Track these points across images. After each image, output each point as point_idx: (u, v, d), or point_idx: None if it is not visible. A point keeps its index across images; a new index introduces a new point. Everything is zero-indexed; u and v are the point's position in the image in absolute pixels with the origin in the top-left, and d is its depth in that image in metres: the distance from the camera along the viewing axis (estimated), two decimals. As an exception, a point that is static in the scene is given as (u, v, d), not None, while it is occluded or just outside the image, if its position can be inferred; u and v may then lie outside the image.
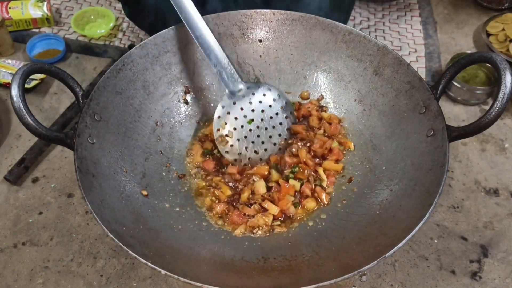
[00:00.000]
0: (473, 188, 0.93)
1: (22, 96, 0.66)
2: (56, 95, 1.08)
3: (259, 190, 0.79)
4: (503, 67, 0.66)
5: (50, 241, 0.83)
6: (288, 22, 0.92)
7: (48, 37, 1.19)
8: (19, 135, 1.00)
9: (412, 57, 1.19)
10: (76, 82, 0.75)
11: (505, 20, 1.20)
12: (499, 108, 0.65)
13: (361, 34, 0.86)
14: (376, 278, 0.79)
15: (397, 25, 1.28)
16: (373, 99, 0.87)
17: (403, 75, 0.81)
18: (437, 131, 0.72)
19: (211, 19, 0.90)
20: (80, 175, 0.67)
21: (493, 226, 0.87)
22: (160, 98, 0.88)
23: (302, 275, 0.66)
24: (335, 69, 0.91)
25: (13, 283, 0.78)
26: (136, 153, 0.81)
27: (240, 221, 0.77)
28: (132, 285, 0.78)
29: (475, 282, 0.80)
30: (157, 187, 0.81)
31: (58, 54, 1.15)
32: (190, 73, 0.92)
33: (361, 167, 0.84)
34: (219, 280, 0.63)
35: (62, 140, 0.70)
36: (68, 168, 0.94)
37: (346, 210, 0.78)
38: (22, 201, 0.89)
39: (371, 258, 0.59)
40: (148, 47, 0.83)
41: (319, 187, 0.81)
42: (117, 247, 0.82)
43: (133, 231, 0.67)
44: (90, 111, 0.74)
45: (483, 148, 1.00)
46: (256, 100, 0.85)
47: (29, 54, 1.14)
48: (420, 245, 0.84)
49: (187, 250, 0.70)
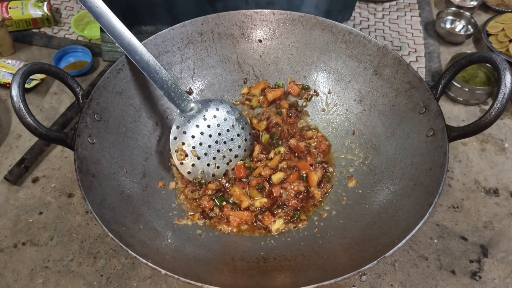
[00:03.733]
0: (473, 188, 0.93)
1: (22, 96, 0.66)
2: (56, 95, 1.08)
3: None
4: (503, 67, 0.66)
5: (50, 241, 0.83)
6: (288, 22, 0.92)
7: (75, 49, 1.17)
8: (19, 135, 1.00)
9: (412, 57, 1.19)
10: (76, 82, 0.75)
11: (505, 20, 1.20)
12: (499, 108, 0.65)
13: (361, 34, 0.86)
14: (376, 278, 0.79)
15: (397, 25, 1.28)
16: (373, 99, 0.87)
17: (403, 75, 0.81)
18: (437, 131, 0.72)
19: (211, 19, 0.90)
20: (80, 175, 0.67)
21: (493, 226, 0.87)
22: (160, 98, 0.88)
23: (302, 275, 0.66)
24: (335, 69, 0.91)
25: (13, 283, 0.78)
26: (136, 153, 0.81)
27: (237, 222, 0.77)
28: (132, 285, 0.78)
29: (475, 282, 0.80)
30: (157, 187, 0.81)
31: (86, 66, 1.13)
32: (190, 73, 0.92)
33: (361, 167, 0.84)
34: (219, 280, 0.63)
35: (62, 140, 0.70)
36: (68, 168, 0.94)
37: (346, 210, 0.78)
38: (22, 201, 0.89)
39: (371, 258, 0.59)
40: (148, 47, 0.83)
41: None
42: (117, 247, 0.82)
43: (133, 231, 0.67)
44: (90, 111, 0.74)
45: (483, 148, 1.00)
46: (210, 116, 0.84)
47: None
48: (420, 245, 0.84)
49: (187, 250, 0.70)
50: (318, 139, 0.89)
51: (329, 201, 0.81)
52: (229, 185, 0.82)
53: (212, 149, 0.83)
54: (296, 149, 0.86)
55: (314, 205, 0.81)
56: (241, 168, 0.83)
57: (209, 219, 0.78)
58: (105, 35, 1.09)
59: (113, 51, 1.10)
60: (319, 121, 0.93)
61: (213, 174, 0.83)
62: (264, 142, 0.88)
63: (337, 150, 0.88)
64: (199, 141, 0.82)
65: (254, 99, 0.94)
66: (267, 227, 0.77)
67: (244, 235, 0.76)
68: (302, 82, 0.95)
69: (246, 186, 0.81)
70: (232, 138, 0.85)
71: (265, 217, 0.78)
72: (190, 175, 0.82)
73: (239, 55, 0.94)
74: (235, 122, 0.86)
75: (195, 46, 0.91)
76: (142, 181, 0.79)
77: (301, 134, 0.90)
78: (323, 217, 0.78)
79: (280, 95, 0.94)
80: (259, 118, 0.91)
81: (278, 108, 0.93)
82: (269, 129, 0.90)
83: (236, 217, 0.77)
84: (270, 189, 0.81)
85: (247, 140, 0.86)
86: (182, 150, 0.81)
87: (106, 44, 1.10)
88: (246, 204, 0.79)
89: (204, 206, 0.79)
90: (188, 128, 0.82)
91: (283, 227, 0.77)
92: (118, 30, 0.78)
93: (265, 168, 0.83)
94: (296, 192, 0.81)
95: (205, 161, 0.82)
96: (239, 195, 0.79)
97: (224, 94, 0.95)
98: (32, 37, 1.22)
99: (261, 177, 0.83)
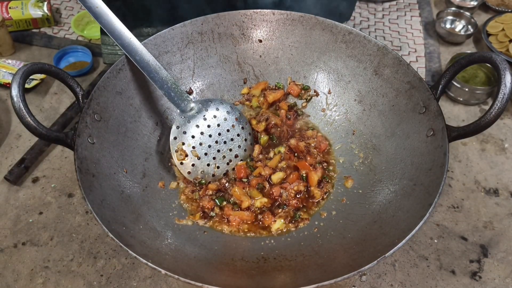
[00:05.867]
0: (473, 188, 0.93)
1: (22, 96, 0.66)
2: (56, 95, 1.08)
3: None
4: (503, 67, 0.66)
5: (50, 241, 0.83)
6: (288, 22, 0.92)
7: (75, 49, 1.16)
8: (19, 135, 1.00)
9: (412, 57, 1.19)
10: (76, 82, 0.75)
11: (505, 20, 1.20)
12: (499, 108, 0.65)
13: (361, 34, 0.86)
14: (376, 278, 0.79)
15: (397, 25, 1.28)
16: (373, 99, 0.87)
17: (403, 75, 0.81)
18: (437, 131, 0.72)
19: (211, 19, 0.90)
20: (80, 175, 0.67)
21: (493, 226, 0.87)
22: (160, 98, 0.88)
23: (302, 275, 0.66)
24: (335, 69, 0.91)
25: (13, 283, 0.78)
26: (136, 153, 0.81)
27: (237, 222, 0.77)
28: (132, 285, 0.78)
29: (475, 282, 0.80)
30: (157, 187, 0.81)
31: (86, 66, 1.12)
32: (190, 73, 0.92)
33: (361, 167, 0.84)
34: (219, 280, 0.63)
35: (62, 140, 0.70)
36: (68, 168, 0.94)
37: (346, 210, 0.78)
38: (22, 201, 0.89)
39: (371, 258, 0.59)
40: (148, 47, 0.83)
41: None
42: (117, 247, 0.82)
43: (133, 231, 0.67)
44: (90, 111, 0.74)
45: (483, 148, 1.00)
46: (210, 116, 0.84)
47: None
48: (420, 245, 0.84)
49: (187, 250, 0.70)
50: (318, 138, 0.89)
51: (329, 201, 0.81)
52: (229, 185, 0.82)
53: (212, 149, 0.83)
54: (296, 149, 0.86)
55: (313, 204, 0.81)
56: (241, 168, 0.83)
57: (209, 219, 0.78)
58: (106, 37, 1.09)
59: (113, 53, 1.10)
60: (319, 121, 0.93)
61: (213, 174, 0.83)
62: (263, 143, 0.88)
63: (337, 150, 0.88)
64: (199, 141, 0.82)
65: (254, 99, 0.94)
66: (267, 227, 0.77)
67: (244, 235, 0.76)
68: (302, 82, 0.95)
69: (246, 186, 0.81)
70: (232, 138, 0.85)
71: (266, 217, 0.78)
72: (190, 175, 0.82)
73: (239, 55, 0.94)
74: (235, 122, 0.86)
75: (195, 46, 0.91)
76: (142, 181, 0.79)
77: (301, 134, 0.90)
78: (323, 217, 0.78)
79: (280, 96, 0.94)
80: (258, 119, 0.91)
81: (277, 109, 0.93)
82: (268, 130, 0.90)
83: (236, 217, 0.77)
84: (270, 189, 0.81)
85: (247, 140, 0.86)
86: (182, 150, 0.81)
87: (106, 47, 1.10)
88: (247, 204, 0.79)
89: (204, 206, 0.79)
90: (188, 128, 0.82)
91: (283, 227, 0.77)
92: (118, 30, 0.78)
93: (265, 168, 0.83)
94: (296, 192, 0.81)
95: (205, 161, 0.82)
96: (239, 195, 0.79)
97: (224, 94, 0.95)
98: (32, 37, 1.22)
99: (261, 177, 0.83)
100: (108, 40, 1.09)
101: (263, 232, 0.77)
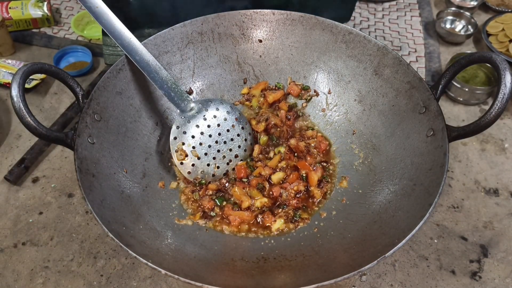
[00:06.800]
0: (473, 188, 0.93)
1: (22, 96, 0.66)
2: (56, 95, 1.08)
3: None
4: (503, 67, 0.66)
5: (50, 241, 0.83)
6: (288, 22, 0.92)
7: (75, 49, 1.16)
8: (19, 135, 1.00)
9: (412, 57, 1.19)
10: (76, 82, 0.75)
11: (505, 20, 1.20)
12: (499, 108, 0.65)
13: (361, 34, 0.86)
14: (376, 278, 0.79)
15: (397, 25, 1.28)
16: (373, 99, 0.87)
17: (403, 75, 0.81)
18: (437, 131, 0.72)
19: (211, 19, 0.90)
20: (80, 175, 0.67)
21: (493, 226, 0.87)
22: (160, 98, 0.88)
23: (302, 275, 0.66)
24: (335, 69, 0.91)
25: (13, 283, 0.78)
26: (136, 153, 0.81)
27: (237, 222, 0.77)
28: (132, 285, 0.78)
29: (475, 282, 0.80)
30: (157, 187, 0.81)
31: (86, 66, 1.12)
32: (190, 73, 0.92)
33: (361, 167, 0.84)
34: (219, 280, 0.63)
35: (62, 140, 0.70)
36: (68, 168, 0.94)
37: (346, 210, 0.78)
38: (22, 201, 0.89)
39: (371, 258, 0.59)
40: (148, 47, 0.83)
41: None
42: (117, 247, 0.82)
43: (133, 231, 0.67)
44: (90, 111, 0.74)
45: (483, 148, 1.00)
46: (210, 116, 0.84)
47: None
48: (420, 245, 0.84)
49: (187, 250, 0.70)
50: (318, 138, 0.89)
51: (329, 201, 0.81)
52: (229, 185, 0.82)
53: (212, 149, 0.83)
54: (295, 148, 0.86)
55: (313, 204, 0.81)
56: (241, 168, 0.83)
57: (209, 219, 0.78)
58: (107, 38, 1.09)
59: (114, 54, 1.10)
60: (319, 121, 0.93)
61: (213, 174, 0.83)
62: (263, 144, 0.88)
63: (337, 150, 0.88)
64: (199, 141, 0.82)
65: (254, 99, 0.94)
66: (268, 227, 0.77)
67: (244, 235, 0.76)
68: (302, 82, 0.95)
69: (246, 186, 0.81)
70: (232, 138, 0.85)
71: (266, 217, 0.78)
72: (190, 175, 0.82)
73: (239, 55, 0.94)
74: (235, 122, 0.86)
75: (195, 46, 0.91)
76: (142, 181, 0.79)
77: (301, 134, 0.90)
78: (323, 217, 0.78)
79: (280, 96, 0.94)
80: (258, 119, 0.91)
81: (277, 110, 0.93)
82: (268, 130, 0.90)
83: (236, 217, 0.77)
84: (270, 189, 0.81)
85: (247, 140, 0.86)
86: (182, 150, 0.81)
87: (107, 48, 1.10)
88: (247, 204, 0.79)
89: (204, 206, 0.79)
90: (188, 128, 0.82)
91: (283, 227, 0.77)
92: (118, 30, 0.78)
93: (265, 168, 0.83)
94: (296, 191, 0.81)
95: (205, 161, 0.82)
96: (240, 195, 0.79)
97: (224, 94, 0.95)
98: (32, 37, 1.22)
99: (261, 177, 0.83)
100: (110, 41, 1.09)
101: (263, 232, 0.77)
